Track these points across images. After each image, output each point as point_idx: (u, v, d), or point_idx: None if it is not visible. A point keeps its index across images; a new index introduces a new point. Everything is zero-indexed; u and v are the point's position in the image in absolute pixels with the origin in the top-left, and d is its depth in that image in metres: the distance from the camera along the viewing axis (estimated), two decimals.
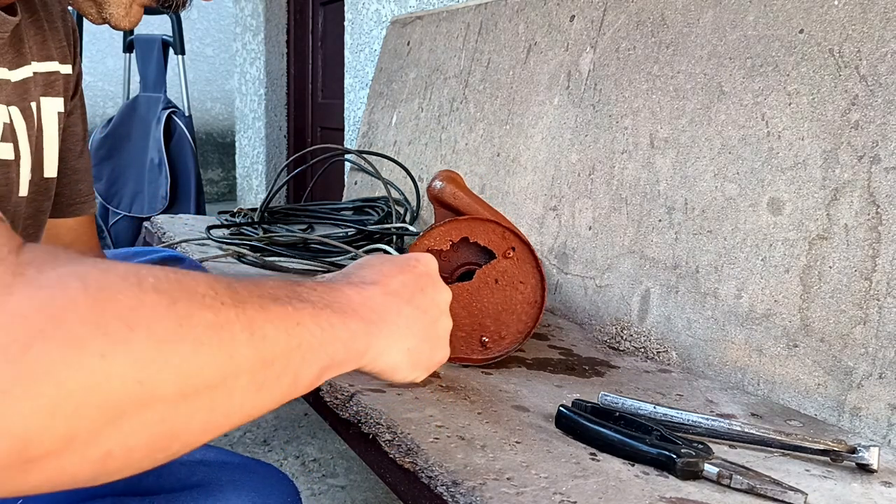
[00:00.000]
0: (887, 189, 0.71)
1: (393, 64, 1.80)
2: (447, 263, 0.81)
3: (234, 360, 0.35)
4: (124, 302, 0.30)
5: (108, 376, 0.29)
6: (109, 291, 0.30)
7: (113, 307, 0.30)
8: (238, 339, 0.35)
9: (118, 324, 0.29)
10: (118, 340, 0.29)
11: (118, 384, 0.29)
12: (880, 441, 0.69)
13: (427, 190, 0.82)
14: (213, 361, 0.33)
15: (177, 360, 0.31)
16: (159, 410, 0.31)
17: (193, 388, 0.32)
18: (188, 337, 0.32)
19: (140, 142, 2.76)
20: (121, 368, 0.29)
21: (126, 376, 0.29)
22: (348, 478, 1.61)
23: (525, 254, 0.79)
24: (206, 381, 0.33)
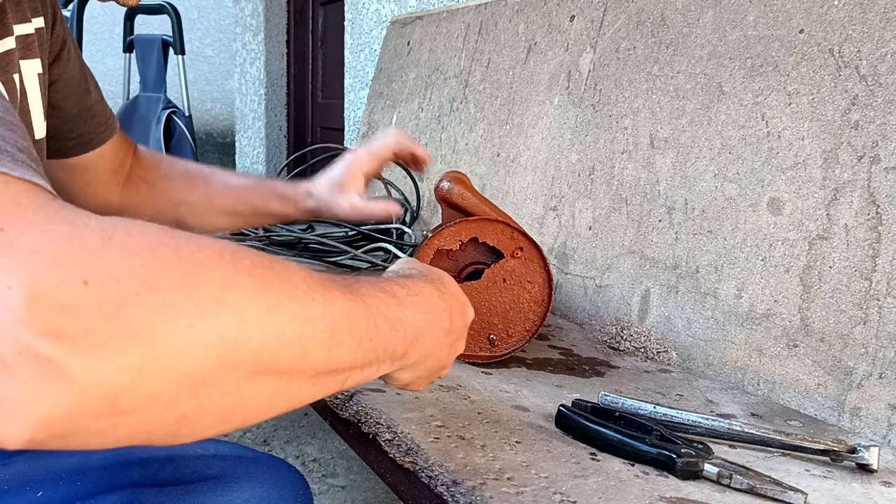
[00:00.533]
0: (887, 189, 0.71)
1: (393, 64, 1.80)
2: (456, 263, 0.82)
3: (306, 358, 0.36)
4: (216, 278, 0.31)
5: (193, 346, 0.30)
6: (203, 266, 0.31)
7: (205, 281, 0.31)
8: (316, 339, 0.36)
9: (209, 298, 0.30)
10: (206, 314, 0.30)
11: (200, 355, 0.30)
12: (880, 441, 0.69)
13: (434, 190, 0.83)
14: (287, 353, 0.34)
15: (255, 344, 0.32)
16: (231, 385, 0.32)
17: (264, 372, 0.33)
18: (273, 324, 0.33)
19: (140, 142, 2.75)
20: (205, 341, 0.30)
21: (209, 349, 0.30)
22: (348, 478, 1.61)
23: (533, 254, 0.80)
24: (276, 368, 0.34)
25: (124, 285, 0.28)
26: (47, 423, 0.27)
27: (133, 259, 0.29)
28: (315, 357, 0.36)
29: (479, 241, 0.80)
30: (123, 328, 0.28)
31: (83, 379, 0.27)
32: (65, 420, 0.27)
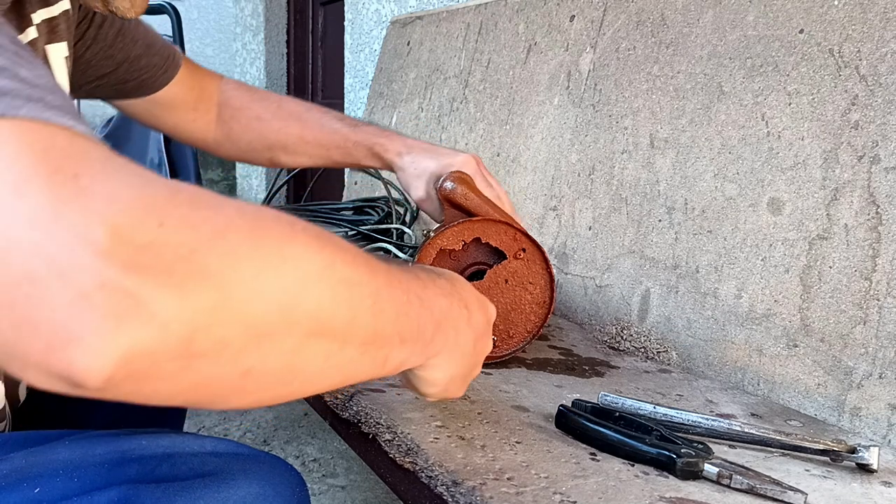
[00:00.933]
0: (887, 189, 0.71)
1: (393, 64, 1.80)
2: (458, 263, 0.82)
3: (355, 322, 0.37)
4: (279, 235, 0.33)
5: (260, 295, 0.31)
6: (265, 223, 0.32)
7: (269, 236, 0.32)
8: (364, 304, 0.37)
9: (272, 251, 0.32)
10: (271, 265, 0.31)
11: (265, 305, 0.31)
12: (880, 441, 0.69)
13: (437, 190, 0.82)
14: (339, 314, 0.36)
15: (313, 301, 0.34)
16: (291, 343, 0.33)
17: (319, 331, 0.35)
18: (327, 283, 0.35)
19: (140, 142, 2.76)
20: (270, 291, 0.31)
21: (273, 299, 0.32)
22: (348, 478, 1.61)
23: (535, 255, 0.80)
24: (329, 329, 0.35)
25: (196, 231, 0.29)
26: (129, 359, 0.27)
27: (202, 210, 0.30)
28: (362, 322, 0.37)
29: (481, 241, 0.80)
30: (198, 269, 0.29)
31: (163, 313, 0.27)
32: (144, 357, 0.28)
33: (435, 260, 0.80)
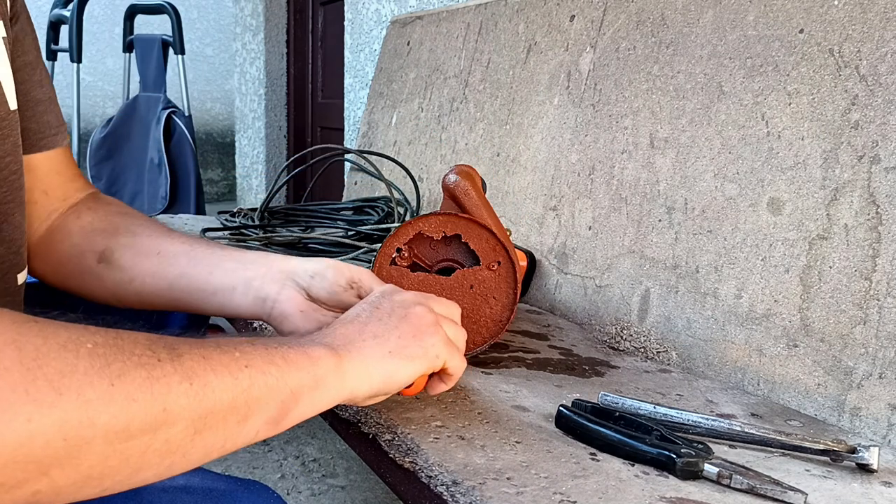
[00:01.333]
0: (887, 189, 0.71)
1: (393, 64, 1.80)
2: (434, 253, 0.81)
3: (170, 411, 0.38)
4: (56, 368, 0.34)
5: (33, 437, 0.32)
6: (44, 359, 0.34)
7: (44, 374, 0.33)
8: (175, 391, 0.38)
9: (47, 389, 0.33)
10: (45, 405, 0.33)
11: (43, 444, 0.33)
12: (880, 441, 0.69)
13: (442, 179, 0.82)
14: (144, 415, 0.36)
15: (105, 418, 0.35)
16: (87, 459, 0.35)
17: (123, 439, 0.36)
18: (119, 394, 0.35)
19: (140, 142, 2.76)
20: (47, 430, 0.33)
21: (52, 436, 0.33)
22: (348, 478, 1.61)
23: (508, 272, 0.79)
24: (135, 431, 0.36)
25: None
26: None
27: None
28: (179, 405, 0.38)
29: (462, 239, 0.79)
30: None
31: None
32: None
33: (412, 241, 0.79)
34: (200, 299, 0.67)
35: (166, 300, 0.69)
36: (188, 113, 2.73)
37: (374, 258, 0.80)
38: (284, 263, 0.68)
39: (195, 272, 0.67)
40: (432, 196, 1.50)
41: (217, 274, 0.67)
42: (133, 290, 0.69)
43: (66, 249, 0.72)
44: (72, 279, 0.72)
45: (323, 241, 1.27)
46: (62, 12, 2.84)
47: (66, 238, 0.73)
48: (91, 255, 0.71)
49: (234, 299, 0.66)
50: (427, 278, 0.79)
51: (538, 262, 1.15)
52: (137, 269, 0.69)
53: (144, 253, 0.70)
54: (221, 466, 1.62)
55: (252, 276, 0.67)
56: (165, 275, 0.68)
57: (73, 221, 0.73)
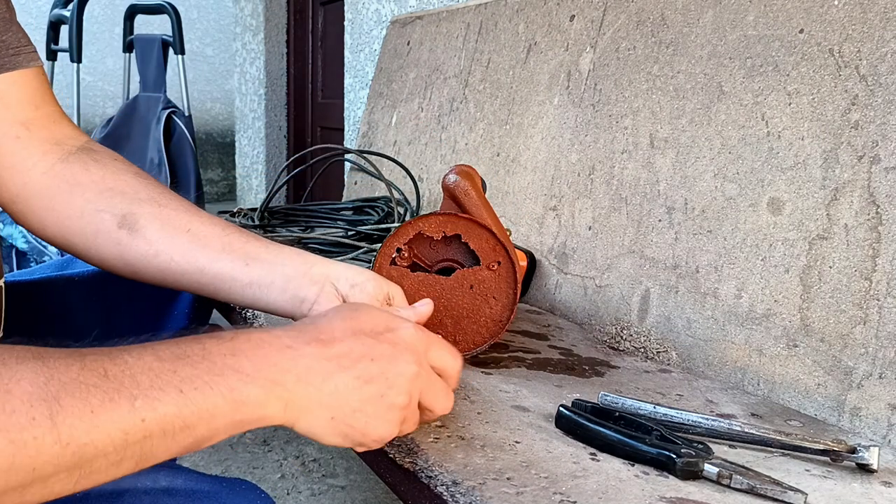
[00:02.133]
0: (887, 189, 0.71)
1: (393, 64, 1.80)
2: (434, 253, 0.81)
3: (40, 471, 0.36)
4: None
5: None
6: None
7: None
8: (46, 452, 0.36)
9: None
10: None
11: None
12: (880, 441, 0.69)
13: (442, 179, 0.82)
14: (9, 476, 0.35)
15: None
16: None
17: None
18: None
19: (140, 142, 2.76)
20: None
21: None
22: (348, 478, 1.61)
23: (508, 272, 0.79)
24: (4, 488, 0.35)
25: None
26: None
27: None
28: (52, 468, 0.36)
29: (462, 239, 0.79)
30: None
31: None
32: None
33: (412, 241, 0.79)
34: (232, 289, 0.63)
35: (191, 283, 0.64)
36: (188, 113, 2.73)
37: (374, 258, 0.80)
38: (325, 267, 0.64)
39: (230, 259, 0.63)
40: (432, 196, 1.50)
41: (254, 266, 0.63)
42: (156, 266, 0.64)
43: (78, 204, 0.65)
44: (80, 238, 0.66)
45: (323, 241, 1.27)
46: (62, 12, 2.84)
47: (77, 191, 0.66)
48: (110, 218, 0.65)
49: (271, 294, 0.63)
50: (427, 278, 0.79)
51: (538, 262, 1.15)
52: (165, 244, 0.64)
53: (174, 227, 0.64)
54: (221, 467, 1.62)
55: (291, 275, 0.63)
56: (196, 257, 0.63)
57: (82, 173, 0.66)
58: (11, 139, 0.64)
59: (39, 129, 0.66)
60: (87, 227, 0.65)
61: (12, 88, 0.64)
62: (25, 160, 0.65)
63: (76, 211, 0.65)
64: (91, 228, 0.65)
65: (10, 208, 0.67)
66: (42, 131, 0.67)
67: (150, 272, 0.65)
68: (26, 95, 0.66)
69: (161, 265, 0.64)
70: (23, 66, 0.65)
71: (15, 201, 0.66)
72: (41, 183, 0.65)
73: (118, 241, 0.64)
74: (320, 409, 0.46)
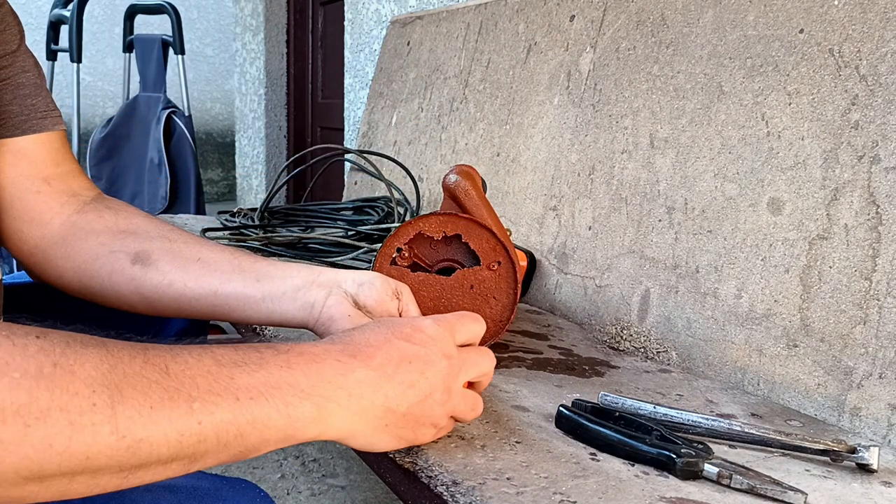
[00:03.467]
0: (887, 189, 0.71)
1: (393, 64, 1.80)
2: (434, 253, 0.81)
3: (92, 460, 0.36)
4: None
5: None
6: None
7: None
8: (101, 442, 0.36)
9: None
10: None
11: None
12: (880, 441, 0.69)
13: (442, 179, 0.82)
14: (61, 461, 0.35)
15: (14, 459, 0.34)
16: (3, 491, 0.34)
17: (37, 479, 0.35)
18: (35, 437, 0.34)
19: (140, 142, 2.76)
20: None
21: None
22: (348, 478, 1.61)
23: (508, 272, 0.79)
24: (51, 474, 0.35)
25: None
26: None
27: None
28: (104, 457, 0.36)
29: (462, 239, 0.79)
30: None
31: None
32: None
33: (412, 241, 0.79)
34: (246, 306, 0.65)
35: (206, 307, 0.66)
36: (188, 113, 2.73)
37: (374, 258, 0.80)
38: (332, 273, 0.67)
39: (241, 279, 0.66)
40: (432, 196, 1.50)
41: (264, 281, 0.66)
42: (171, 296, 0.66)
43: (93, 248, 0.68)
44: (97, 280, 0.68)
45: (323, 241, 1.27)
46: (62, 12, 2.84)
47: (92, 236, 0.69)
48: (124, 256, 0.67)
49: (283, 305, 0.65)
50: (427, 278, 0.79)
51: (538, 262, 1.15)
52: (177, 273, 0.66)
53: (185, 258, 0.67)
54: (221, 466, 1.62)
55: (300, 284, 0.65)
56: (209, 281, 0.66)
57: (96, 220, 0.70)
58: (33, 194, 0.69)
59: (59, 184, 0.71)
60: (103, 268, 0.68)
61: (38, 147, 0.69)
62: (44, 213, 0.69)
63: (91, 255, 0.68)
64: (106, 269, 0.68)
65: (29, 261, 0.71)
66: (61, 185, 0.71)
67: (166, 302, 0.67)
68: (49, 155, 0.70)
69: (175, 294, 0.66)
70: (49, 129, 0.70)
71: (33, 253, 0.70)
72: (59, 233, 0.69)
73: (132, 276, 0.67)
74: (374, 421, 0.49)
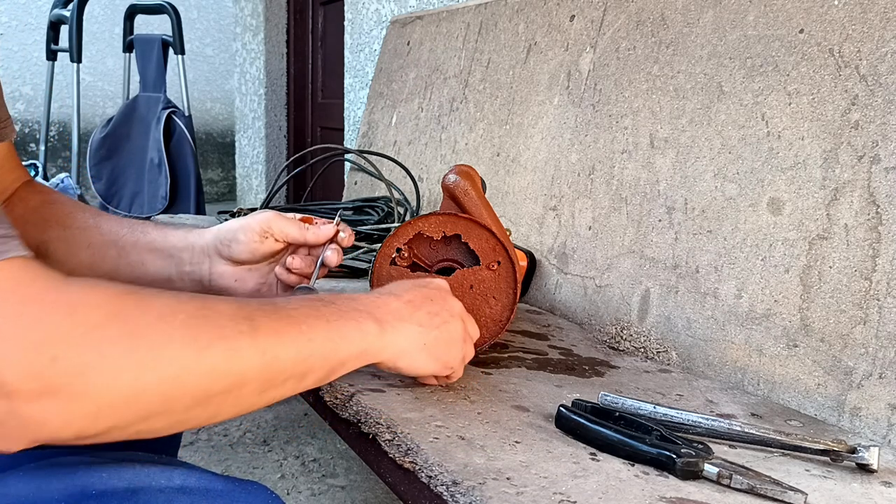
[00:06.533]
0: (887, 189, 0.71)
1: (393, 64, 1.80)
2: (434, 253, 0.81)
3: (243, 377, 0.45)
4: (155, 337, 0.41)
5: (140, 392, 0.41)
6: (145, 329, 0.41)
7: (147, 342, 0.41)
8: (250, 361, 0.46)
9: (148, 354, 0.41)
10: (148, 367, 0.41)
11: (147, 397, 0.41)
12: (880, 441, 0.69)
13: (442, 179, 0.82)
14: (224, 380, 0.44)
15: (192, 381, 0.43)
16: (176, 411, 0.43)
17: (205, 397, 0.44)
18: (205, 362, 0.43)
19: (140, 142, 2.76)
20: (149, 387, 0.41)
21: (152, 392, 0.41)
22: (348, 478, 1.61)
23: (508, 272, 0.79)
24: (216, 392, 0.44)
25: (83, 356, 0.39)
26: (34, 444, 0.40)
27: (90, 334, 0.39)
28: (251, 372, 0.46)
29: (462, 239, 0.79)
30: (83, 388, 0.39)
31: (53, 425, 0.39)
32: (47, 441, 0.40)
33: (411, 241, 0.79)
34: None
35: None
36: (188, 113, 2.73)
37: (374, 258, 0.80)
38: (203, 238, 0.74)
39: (127, 264, 0.72)
40: (432, 196, 1.50)
41: (149, 265, 0.72)
42: None
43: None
44: None
45: None
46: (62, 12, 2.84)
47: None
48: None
49: (174, 287, 0.71)
50: (428, 279, 0.79)
51: (538, 262, 1.15)
52: (73, 262, 0.72)
53: (77, 245, 0.72)
54: (221, 467, 1.62)
55: (182, 261, 0.72)
56: (100, 268, 0.72)
57: (8, 214, 0.74)
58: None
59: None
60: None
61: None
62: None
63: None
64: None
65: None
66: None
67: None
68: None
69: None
70: (4, 137, 0.74)
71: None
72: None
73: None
74: (415, 341, 0.60)
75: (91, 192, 2.95)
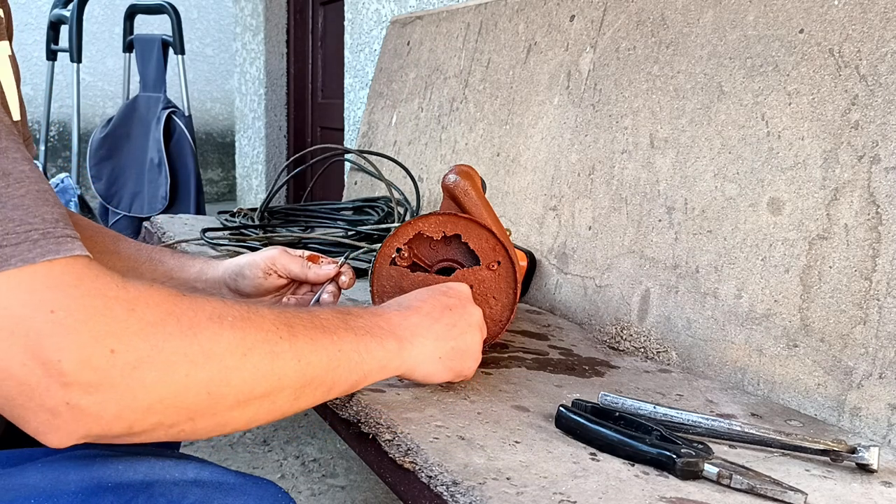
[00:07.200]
0: (887, 189, 0.71)
1: (393, 64, 1.80)
2: (434, 253, 0.81)
3: (282, 381, 0.48)
4: (206, 337, 0.43)
5: (188, 389, 0.43)
6: (197, 328, 0.43)
7: (198, 341, 0.43)
8: (288, 365, 0.48)
9: (199, 353, 0.43)
10: (197, 366, 0.43)
11: (194, 395, 0.43)
12: (880, 441, 0.69)
13: (442, 179, 0.82)
14: (265, 382, 0.47)
15: (238, 381, 0.45)
16: (220, 412, 0.45)
17: (247, 399, 0.46)
18: (249, 363, 0.45)
19: (140, 142, 2.76)
20: (197, 384, 0.43)
21: (200, 390, 0.43)
22: (348, 478, 1.61)
23: (508, 272, 0.79)
24: (257, 394, 0.46)
25: (140, 350, 0.41)
26: (84, 439, 0.41)
27: (148, 329, 0.41)
28: (288, 377, 0.48)
29: (462, 239, 0.79)
30: (138, 382, 0.40)
31: (106, 418, 0.40)
32: (96, 438, 0.41)
33: (411, 241, 0.79)
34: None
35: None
36: (188, 113, 2.73)
37: (374, 258, 0.80)
38: (216, 270, 0.78)
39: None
40: (432, 196, 1.50)
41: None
42: None
43: None
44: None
45: (323, 240, 1.27)
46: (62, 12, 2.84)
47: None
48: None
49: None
50: (427, 278, 0.79)
51: (538, 262, 1.15)
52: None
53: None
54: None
55: (196, 291, 0.74)
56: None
57: None
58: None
59: None
60: None
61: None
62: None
63: None
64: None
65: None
66: None
67: None
68: None
69: None
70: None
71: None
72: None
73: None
74: (431, 354, 0.63)
75: (91, 192, 2.95)
